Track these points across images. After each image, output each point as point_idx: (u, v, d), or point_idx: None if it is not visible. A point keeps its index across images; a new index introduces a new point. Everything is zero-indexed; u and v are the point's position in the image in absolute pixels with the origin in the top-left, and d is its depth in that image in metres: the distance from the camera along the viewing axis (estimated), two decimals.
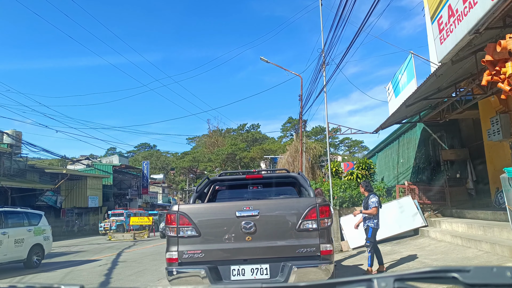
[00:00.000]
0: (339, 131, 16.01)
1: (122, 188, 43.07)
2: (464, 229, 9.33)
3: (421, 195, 12.62)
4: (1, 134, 24.06)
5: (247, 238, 4.47)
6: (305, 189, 5.51)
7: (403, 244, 10.25)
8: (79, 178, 31.74)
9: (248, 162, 51.47)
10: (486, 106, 11.08)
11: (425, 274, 0.82)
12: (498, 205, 10.20)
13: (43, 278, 9.50)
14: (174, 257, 4.49)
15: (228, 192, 6.68)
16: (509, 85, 5.78)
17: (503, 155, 10.50)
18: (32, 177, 26.11)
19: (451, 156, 13.90)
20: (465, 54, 7.66)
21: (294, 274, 4.25)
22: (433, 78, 8.55)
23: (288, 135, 59.97)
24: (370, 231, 7.28)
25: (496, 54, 5.85)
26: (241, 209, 4.54)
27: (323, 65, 14.43)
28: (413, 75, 11.36)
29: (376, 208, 7.28)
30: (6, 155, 23.37)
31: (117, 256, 13.56)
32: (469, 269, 0.79)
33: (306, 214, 4.50)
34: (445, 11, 7.19)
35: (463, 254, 7.59)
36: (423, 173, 14.62)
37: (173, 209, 4.66)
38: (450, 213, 11.92)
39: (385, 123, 13.16)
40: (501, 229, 7.68)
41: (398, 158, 17.46)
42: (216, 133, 67.47)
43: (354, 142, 64.58)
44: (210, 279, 4.30)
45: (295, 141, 26.29)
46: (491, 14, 5.74)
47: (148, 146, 79.89)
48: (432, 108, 12.24)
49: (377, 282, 0.81)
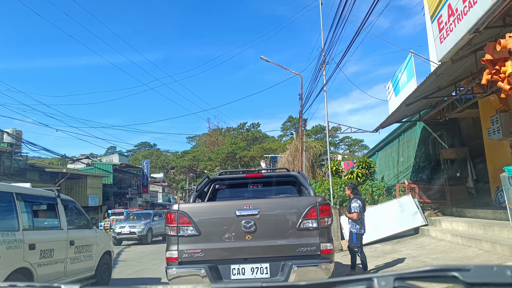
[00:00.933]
0: (339, 130, 16.00)
1: (122, 187, 43.09)
2: (464, 228, 9.34)
3: (421, 194, 12.63)
4: (1, 133, 24.07)
5: (247, 237, 4.47)
6: (305, 188, 5.51)
7: (403, 243, 10.25)
8: (79, 177, 31.76)
9: (248, 161, 51.46)
10: (486, 105, 11.08)
11: (426, 273, 0.82)
12: (498, 204, 10.20)
13: None
14: (174, 256, 4.49)
15: (228, 191, 6.68)
16: (509, 84, 5.78)
17: (503, 154, 10.50)
18: (32, 176, 26.13)
19: (451, 155, 13.90)
20: (465, 53, 7.66)
21: (294, 273, 4.25)
22: (433, 77, 8.55)
23: (288, 134, 59.99)
24: (354, 236, 7.16)
25: (496, 53, 5.84)
26: (241, 208, 4.54)
27: (323, 64, 14.42)
28: (413, 74, 11.36)
29: (357, 214, 7.05)
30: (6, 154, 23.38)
31: (117, 255, 13.56)
32: (470, 268, 0.79)
33: (306, 213, 4.50)
34: (445, 10, 7.19)
35: (464, 253, 7.59)
36: (423, 172, 14.62)
37: (173, 208, 4.66)
38: (450, 212, 11.92)
39: (385, 122, 13.16)
40: (502, 228, 7.68)
41: (398, 157, 17.46)
42: (216, 132, 67.43)
43: (354, 141, 64.57)
44: (210, 278, 4.30)
45: (295, 140, 26.29)
46: (491, 13, 5.74)
47: (148, 145, 79.87)
48: (432, 107, 12.25)
49: (377, 281, 0.81)
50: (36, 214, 5.94)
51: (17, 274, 5.02)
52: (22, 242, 5.12)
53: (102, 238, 7.82)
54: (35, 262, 5.33)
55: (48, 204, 6.22)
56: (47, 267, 5.66)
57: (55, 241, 5.93)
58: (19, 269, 5.04)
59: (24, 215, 5.46)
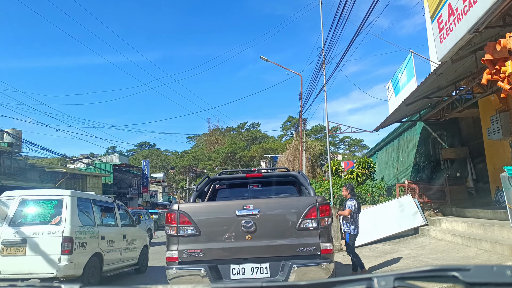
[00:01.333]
0: (339, 129, 16.03)
1: (122, 187, 43.07)
2: (464, 228, 9.34)
3: (421, 194, 12.63)
4: (1, 133, 24.05)
5: (247, 237, 4.47)
6: (305, 188, 5.51)
7: (403, 243, 10.26)
8: (79, 177, 31.73)
9: (248, 161, 51.46)
10: (486, 104, 11.08)
11: (425, 273, 0.82)
12: (498, 204, 10.20)
13: None
14: (174, 256, 4.49)
15: (228, 191, 6.68)
16: (509, 84, 5.77)
17: (503, 154, 10.50)
18: (33, 176, 26.12)
19: (451, 155, 13.90)
20: (465, 53, 7.66)
21: (294, 273, 4.25)
22: (433, 77, 8.55)
23: (288, 134, 59.99)
24: (347, 237, 7.19)
25: (496, 53, 5.84)
26: (241, 208, 4.54)
27: (323, 64, 14.43)
28: (413, 74, 11.37)
29: (350, 210, 7.07)
30: (6, 154, 23.37)
31: None
32: (469, 268, 0.80)
33: (306, 213, 4.51)
34: (445, 10, 7.19)
35: (463, 253, 7.59)
36: (423, 172, 14.63)
37: (173, 208, 4.66)
38: (450, 212, 11.93)
39: (385, 121, 13.17)
40: (501, 228, 7.68)
41: (398, 156, 17.46)
42: (216, 132, 67.44)
43: (354, 141, 64.53)
44: (210, 278, 4.30)
45: (295, 140, 26.29)
46: (491, 13, 5.74)
47: (148, 145, 79.84)
48: (432, 107, 12.25)
49: (377, 281, 0.81)
50: (102, 214, 7.88)
51: (94, 257, 6.93)
52: (97, 234, 7.14)
53: (142, 234, 9.69)
54: (104, 249, 7.29)
55: (109, 207, 8.33)
56: (111, 253, 7.56)
57: (115, 234, 7.91)
58: (96, 254, 6.96)
59: (97, 215, 7.49)
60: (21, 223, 6.51)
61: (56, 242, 6.27)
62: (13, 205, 6.69)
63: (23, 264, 6.28)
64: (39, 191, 7.53)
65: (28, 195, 6.96)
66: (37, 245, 6.29)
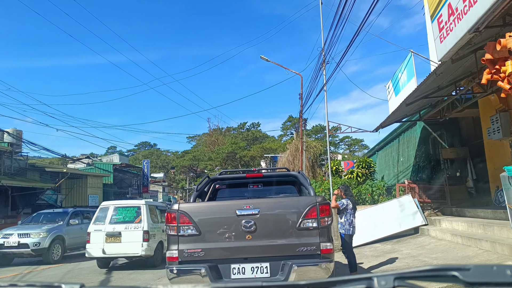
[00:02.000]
0: (339, 129, 16.02)
1: (122, 187, 43.06)
2: (464, 227, 9.35)
3: (421, 194, 12.63)
4: (2, 132, 24.06)
5: (248, 237, 4.47)
6: (305, 188, 5.51)
7: (403, 243, 10.26)
8: (79, 177, 31.73)
9: (248, 161, 51.44)
10: (486, 104, 11.08)
11: (425, 273, 0.83)
12: (498, 204, 10.20)
13: (43, 276, 9.52)
14: (174, 256, 4.50)
15: (228, 191, 6.69)
16: (509, 84, 5.77)
17: (503, 154, 10.50)
18: (33, 176, 26.12)
19: (451, 155, 13.90)
20: (465, 53, 7.66)
21: (294, 272, 4.26)
22: (433, 76, 8.55)
23: (288, 134, 59.95)
24: (342, 237, 7.18)
25: (496, 53, 5.84)
26: (241, 208, 4.54)
27: (323, 64, 14.42)
28: (413, 73, 11.36)
29: (337, 205, 7.08)
30: (7, 154, 23.36)
31: None
32: (469, 267, 0.80)
33: (307, 213, 4.51)
34: (445, 10, 7.19)
35: (463, 253, 7.60)
36: (423, 172, 14.62)
37: (174, 208, 4.66)
38: (450, 211, 11.93)
39: (385, 121, 13.17)
40: (501, 228, 7.68)
41: (398, 156, 17.46)
42: (217, 132, 67.40)
43: (354, 141, 64.48)
44: (210, 278, 4.31)
45: (295, 140, 26.28)
46: (491, 12, 5.74)
47: (148, 145, 79.82)
48: (432, 107, 12.25)
49: (377, 281, 0.81)
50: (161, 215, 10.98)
51: (159, 244, 10.26)
52: (160, 228, 10.44)
53: None
54: (163, 238, 10.06)
55: (164, 209, 11.01)
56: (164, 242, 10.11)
57: (162, 228, 10.47)
58: (160, 241, 10.29)
59: (159, 215, 10.92)
60: (116, 222, 9.93)
61: (139, 233, 9.62)
62: (110, 211, 10.09)
63: (119, 248, 9.55)
64: (125, 201, 11.13)
65: (119, 204, 10.49)
66: (127, 235, 9.62)
